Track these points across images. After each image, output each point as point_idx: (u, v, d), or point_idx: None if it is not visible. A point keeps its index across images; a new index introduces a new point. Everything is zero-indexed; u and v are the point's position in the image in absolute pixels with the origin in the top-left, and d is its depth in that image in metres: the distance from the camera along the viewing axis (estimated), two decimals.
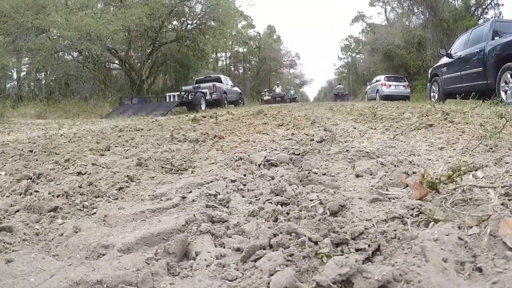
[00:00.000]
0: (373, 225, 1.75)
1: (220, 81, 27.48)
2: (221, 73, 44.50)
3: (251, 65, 71.57)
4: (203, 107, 22.00)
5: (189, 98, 21.52)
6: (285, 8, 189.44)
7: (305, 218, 1.89)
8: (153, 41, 34.97)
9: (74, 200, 2.44)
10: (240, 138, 5.19)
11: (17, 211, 2.26)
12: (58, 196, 2.45)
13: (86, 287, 1.37)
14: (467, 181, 2.14)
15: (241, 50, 68.08)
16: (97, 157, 3.98)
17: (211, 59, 57.07)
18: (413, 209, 1.86)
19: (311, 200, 2.20)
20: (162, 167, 3.38)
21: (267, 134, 5.73)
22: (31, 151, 4.64)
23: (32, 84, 32.00)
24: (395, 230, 1.61)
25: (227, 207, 2.27)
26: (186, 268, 1.53)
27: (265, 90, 53.13)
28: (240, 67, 70.68)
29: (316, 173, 2.88)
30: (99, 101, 26.75)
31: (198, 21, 38.13)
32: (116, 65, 36.26)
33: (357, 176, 2.82)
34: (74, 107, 22.57)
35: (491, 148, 3.40)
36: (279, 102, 44.13)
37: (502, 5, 38.38)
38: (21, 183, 2.79)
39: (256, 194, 2.48)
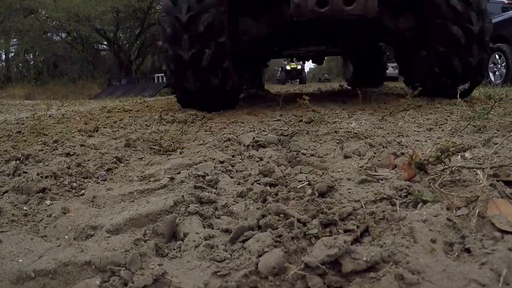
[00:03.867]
0: (362, 206, 1.75)
1: None
2: None
3: None
4: None
5: None
6: None
7: (293, 199, 1.89)
8: (141, 22, 34.80)
9: (63, 181, 2.42)
10: (228, 119, 5.16)
11: (5, 192, 2.26)
12: (46, 177, 2.43)
13: (75, 268, 1.36)
14: (456, 162, 2.14)
15: None
16: (86, 138, 3.95)
17: None
18: (401, 190, 1.86)
19: (299, 181, 2.20)
20: (151, 148, 3.36)
21: (256, 115, 5.71)
22: (20, 132, 4.63)
23: (20, 65, 32.05)
24: (383, 211, 1.62)
25: (216, 188, 2.26)
26: (174, 249, 1.53)
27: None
28: None
29: (305, 154, 2.88)
30: (87, 82, 26.77)
31: None
32: (104, 46, 36.27)
33: (346, 157, 2.82)
34: (62, 88, 22.57)
35: (480, 129, 3.41)
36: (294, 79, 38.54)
37: None
38: (10, 164, 2.78)
39: (245, 175, 2.48)
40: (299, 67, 37.91)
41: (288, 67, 38.32)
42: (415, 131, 3.64)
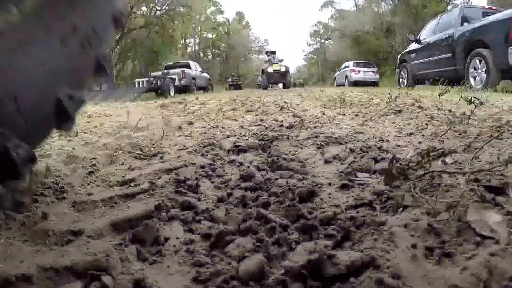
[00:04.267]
0: (342, 211, 1.76)
1: (189, 67, 27.45)
2: (190, 59, 43.72)
3: (220, 51, 72.02)
4: (172, 93, 21.87)
5: (158, 84, 21.39)
6: None
7: (274, 204, 1.90)
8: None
9: (43, 186, 2.39)
10: (209, 124, 5.16)
11: None
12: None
13: (56, 273, 1.35)
14: (436, 167, 2.15)
15: (210, 36, 68.31)
16: (65, 143, 3.91)
17: (180, 45, 57.05)
18: (382, 195, 1.87)
19: (280, 186, 2.21)
20: (131, 153, 3.33)
21: (236, 119, 5.70)
22: None
23: None
24: (364, 216, 1.63)
25: (196, 193, 2.25)
26: (155, 254, 1.51)
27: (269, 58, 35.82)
28: (209, 53, 70.91)
29: (285, 159, 2.87)
30: None
31: (167, 7, 37.80)
32: None
33: (326, 162, 2.82)
34: None
35: (460, 134, 3.43)
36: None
37: None
38: None
39: (225, 179, 2.47)
40: (282, 68, 33.63)
41: (270, 69, 33.70)
42: (395, 136, 3.66)
